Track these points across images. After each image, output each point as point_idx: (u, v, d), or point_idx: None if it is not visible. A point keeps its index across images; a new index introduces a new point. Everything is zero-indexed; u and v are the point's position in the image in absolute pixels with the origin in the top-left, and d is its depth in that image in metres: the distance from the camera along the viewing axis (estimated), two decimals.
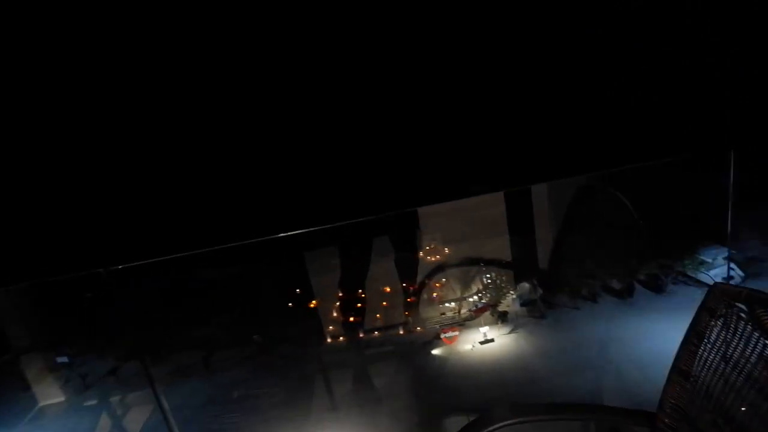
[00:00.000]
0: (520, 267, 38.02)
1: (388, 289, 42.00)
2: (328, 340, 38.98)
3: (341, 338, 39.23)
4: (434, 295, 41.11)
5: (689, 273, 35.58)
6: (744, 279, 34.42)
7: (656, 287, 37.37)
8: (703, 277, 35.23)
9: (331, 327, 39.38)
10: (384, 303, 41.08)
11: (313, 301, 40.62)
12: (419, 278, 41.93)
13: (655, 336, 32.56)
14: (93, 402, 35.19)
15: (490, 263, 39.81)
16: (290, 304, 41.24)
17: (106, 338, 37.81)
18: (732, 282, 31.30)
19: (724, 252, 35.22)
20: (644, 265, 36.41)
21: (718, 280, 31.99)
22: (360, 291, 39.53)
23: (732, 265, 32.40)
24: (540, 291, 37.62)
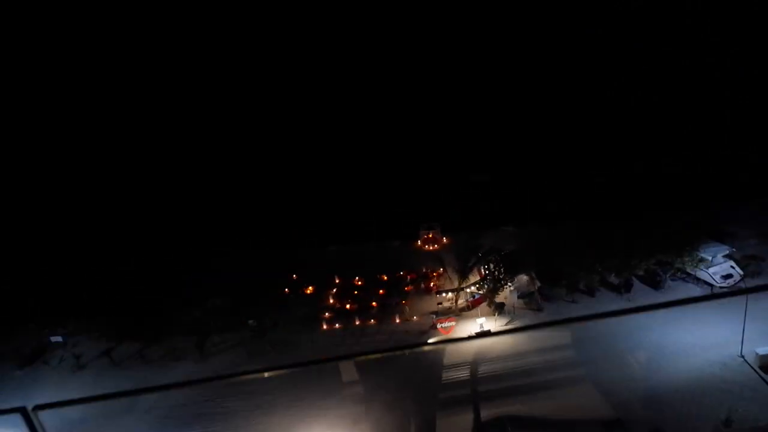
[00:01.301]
0: (518, 259, 37.44)
1: (385, 278, 41.49)
2: (324, 326, 38.40)
3: (336, 325, 38.73)
4: (432, 284, 40.70)
5: (688, 270, 35.30)
6: (743, 277, 34.00)
7: (654, 283, 37.17)
8: (702, 274, 34.87)
9: (326, 314, 38.80)
10: (381, 291, 40.50)
11: (310, 287, 40.14)
12: (418, 267, 40.81)
13: (652, 331, 32.25)
14: (87, 381, 34.75)
15: (489, 254, 39.28)
16: (286, 290, 40.74)
17: (101, 320, 36.97)
18: (731, 281, 31.20)
19: (723, 250, 35.07)
20: (643, 261, 36.12)
21: (717, 278, 31.75)
22: (357, 278, 39.10)
23: (731, 263, 32.14)
24: (538, 283, 37.20)
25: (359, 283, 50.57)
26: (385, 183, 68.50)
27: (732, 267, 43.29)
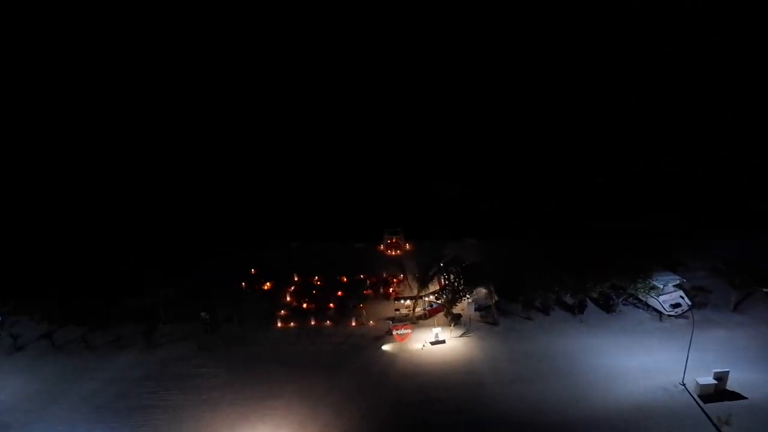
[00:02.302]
0: (478, 271, 37.72)
1: (344, 279, 41.09)
2: (278, 324, 37.81)
3: (291, 324, 38.14)
4: (391, 290, 40.55)
5: (640, 296, 36.57)
6: (690, 307, 35.32)
7: (607, 306, 38.23)
8: (652, 301, 36.14)
9: (282, 311, 38.16)
10: (339, 293, 40.10)
11: (267, 284, 39.43)
12: (379, 271, 40.64)
13: (601, 353, 33.01)
14: (23, 364, 33.02)
15: (450, 264, 39.44)
16: (243, 284, 39.87)
17: (44, 301, 35.35)
18: (678, 310, 32.40)
19: (674, 279, 36.41)
20: (598, 284, 37.05)
21: (667, 306, 32.83)
22: (316, 278, 38.73)
23: (681, 293, 33.38)
24: (496, 297, 37.60)
25: (318, 282, 50.02)
26: (355, 185, 68.39)
27: (681, 297, 44.20)
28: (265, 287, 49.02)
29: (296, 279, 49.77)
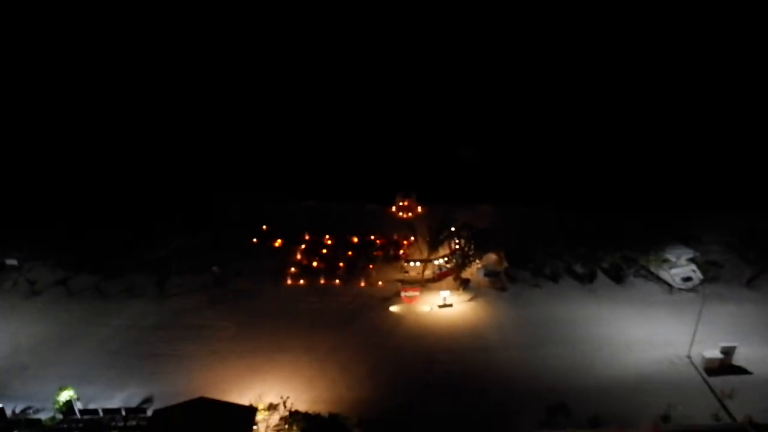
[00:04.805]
0: (490, 238, 37.27)
1: (355, 240, 41.09)
2: (288, 281, 38.10)
3: (301, 281, 38.46)
4: (401, 252, 40.42)
5: (651, 269, 35.98)
6: (702, 282, 34.78)
7: (617, 277, 37.85)
8: (663, 274, 35.53)
9: (292, 269, 38.38)
10: (349, 252, 40.14)
11: (278, 240, 39.56)
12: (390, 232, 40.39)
13: (609, 323, 32.83)
14: (39, 308, 33.78)
15: (461, 229, 39.12)
16: (254, 240, 40.12)
17: (60, 248, 35.88)
18: (690, 284, 31.85)
19: (688, 253, 35.67)
20: (609, 255, 36.57)
21: (678, 279, 32.33)
22: (327, 237, 38.66)
23: (693, 266, 32.74)
24: (505, 264, 37.33)
25: (329, 242, 50.36)
26: (371, 145, 67.13)
27: (693, 271, 43.83)
28: (276, 244, 49.30)
29: (307, 238, 49.93)
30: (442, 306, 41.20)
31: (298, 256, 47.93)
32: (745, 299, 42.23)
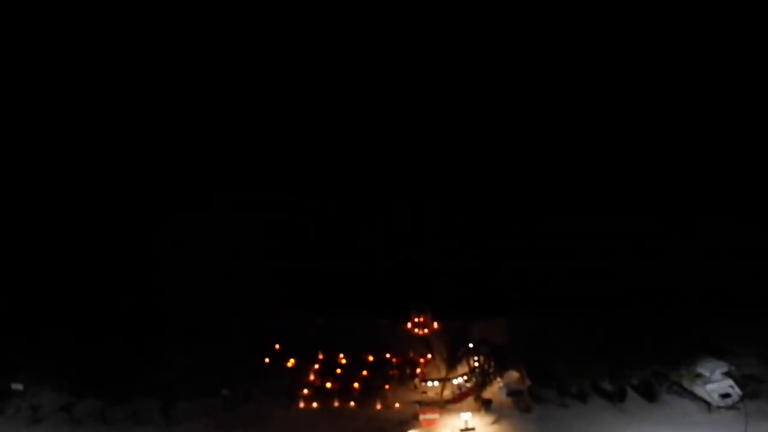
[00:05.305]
0: (508, 353, 35.79)
1: (370, 358, 39.55)
2: (300, 404, 36.18)
3: (314, 404, 36.49)
4: (418, 371, 38.72)
5: (684, 385, 33.46)
6: (741, 398, 32.16)
7: (649, 395, 35.25)
8: (699, 390, 33.03)
9: (305, 390, 36.55)
10: (364, 372, 38.48)
11: (291, 360, 38.14)
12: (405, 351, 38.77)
13: None
14: None
15: (479, 345, 37.61)
16: (266, 359, 38.76)
17: (65, 371, 34.75)
18: (729, 400, 29.56)
19: (722, 367, 33.44)
20: (638, 371, 34.42)
21: (715, 396, 30.10)
22: (341, 355, 37.20)
23: (730, 382, 30.51)
24: (528, 382, 35.34)
25: (343, 361, 48.55)
26: (380, 258, 67.52)
27: (731, 387, 41.30)
28: (288, 364, 47.62)
29: (320, 357, 48.27)
30: (464, 430, 38.23)
31: (311, 377, 46.07)
32: None
